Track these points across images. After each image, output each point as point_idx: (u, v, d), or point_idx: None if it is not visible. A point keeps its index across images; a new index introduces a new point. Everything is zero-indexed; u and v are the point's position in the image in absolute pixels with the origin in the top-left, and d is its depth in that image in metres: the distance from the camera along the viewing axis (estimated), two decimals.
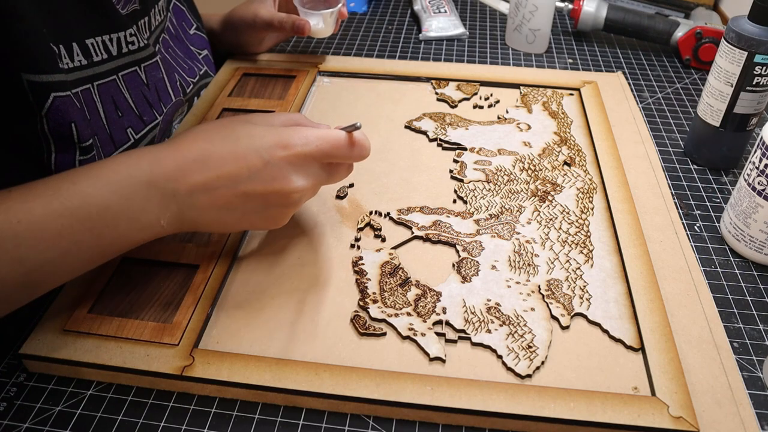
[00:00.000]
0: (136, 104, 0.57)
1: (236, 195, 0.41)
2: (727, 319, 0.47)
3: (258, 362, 0.42)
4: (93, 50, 0.51)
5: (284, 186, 0.42)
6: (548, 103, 0.70)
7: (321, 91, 0.73)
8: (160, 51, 0.62)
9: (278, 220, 0.45)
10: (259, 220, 0.44)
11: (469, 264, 0.50)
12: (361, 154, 0.44)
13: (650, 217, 0.54)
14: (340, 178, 0.47)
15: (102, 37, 0.52)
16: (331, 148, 0.43)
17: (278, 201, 0.43)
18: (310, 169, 0.43)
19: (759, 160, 0.49)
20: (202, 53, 0.73)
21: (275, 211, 0.44)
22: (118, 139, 0.54)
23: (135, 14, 0.57)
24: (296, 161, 0.42)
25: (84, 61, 0.50)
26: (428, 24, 0.91)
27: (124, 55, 0.55)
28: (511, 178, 0.59)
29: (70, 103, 0.47)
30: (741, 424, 0.39)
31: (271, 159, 0.41)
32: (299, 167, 0.42)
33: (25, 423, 0.40)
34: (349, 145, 0.44)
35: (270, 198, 0.42)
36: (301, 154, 0.42)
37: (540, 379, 0.41)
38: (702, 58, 0.81)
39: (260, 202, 0.42)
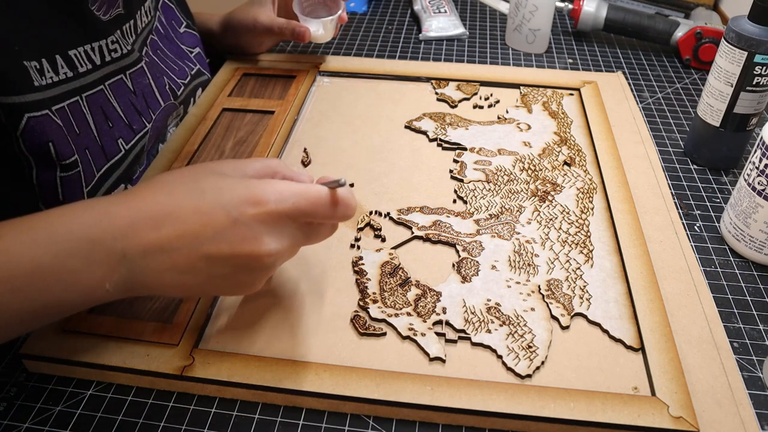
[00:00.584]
0: (125, 113, 0.55)
1: (199, 257, 0.36)
2: (727, 319, 0.47)
3: (258, 362, 0.42)
4: (77, 61, 0.50)
5: (255, 248, 0.36)
6: (548, 103, 0.70)
7: (321, 91, 0.73)
8: (147, 54, 0.61)
9: (249, 285, 0.38)
10: (227, 286, 0.38)
11: (469, 264, 0.50)
12: (345, 213, 0.38)
13: (650, 217, 0.54)
14: (321, 238, 0.41)
15: (84, 47, 0.50)
16: (311, 206, 0.37)
17: (248, 264, 0.37)
18: (286, 230, 0.37)
19: (759, 160, 0.49)
20: (193, 51, 0.72)
21: (245, 276, 0.37)
22: (110, 151, 0.53)
23: (119, 19, 0.55)
24: (269, 220, 0.36)
25: (70, 73, 0.49)
26: (428, 24, 0.91)
27: (108, 63, 0.53)
28: (511, 178, 0.59)
29: (47, 122, 0.46)
30: (741, 424, 0.39)
31: (240, 217, 0.35)
32: (273, 227, 0.36)
33: (25, 423, 0.40)
34: (331, 204, 0.38)
35: (238, 261, 0.36)
36: (275, 212, 0.36)
37: (540, 379, 0.41)
38: (702, 58, 0.81)
39: (227, 266, 0.36)
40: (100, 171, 0.52)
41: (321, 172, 0.60)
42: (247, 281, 0.38)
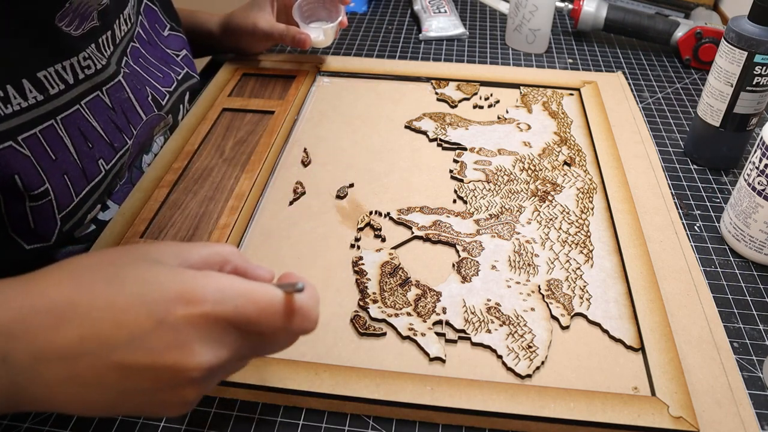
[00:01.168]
0: (105, 131, 0.52)
1: (108, 368, 0.28)
2: (727, 319, 0.47)
3: (258, 362, 0.42)
4: (48, 83, 0.47)
5: (181, 359, 0.28)
6: (548, 103, 0.70)
7: (321, 91, 0.73)
8: (127, 65, 0.58)
9: (175, 406, 0.30)
10: (145, 405, 0.30)
11: (469, 264, 0.50)
12: (302, 326, 0.31)
13: (650, 217, 0.54)
14: (275, 351, 0.33)
15: (54, 66, 0.47)
16: (258, 312, 0.30)
17: (173, 379, 0.28)
18: (225, 338, 0.29)
19: (759, 160, 0.49)
20: (180, 54, 0.69)
21: (169, 394, 0.29)
22: (91, 173, 0.51)
23: (93, 32, 0.52)
24: (203, 324, 0.28)
25: (40, 97, 0.46)
26: (428, 24, 0.91)
27: (82, 81, 0.50)
28: (511, 178, 0.59)
29: (11, 155, 0.43)
30: (741, 424, 0.39)
31: (167, 317, 0.28)
32: (207, 333, 0.29)
33: (25, 423, 0.40)
34: (284, 314, 0.30)
35: (160, 374, 0.28)
36: (212, 315, 0.28)
37: (540, 379, 0.41)
38: (702, 58, 0.81)
39: (146, 380, 0.28)
40: (80, 194, 0.50)
41: (321, 172, 0.60)
42: (172, 401, 0.30)
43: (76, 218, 0.50)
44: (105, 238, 0.51)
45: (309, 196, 0.57)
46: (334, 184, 0.58)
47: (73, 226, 0.50)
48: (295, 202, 0.56)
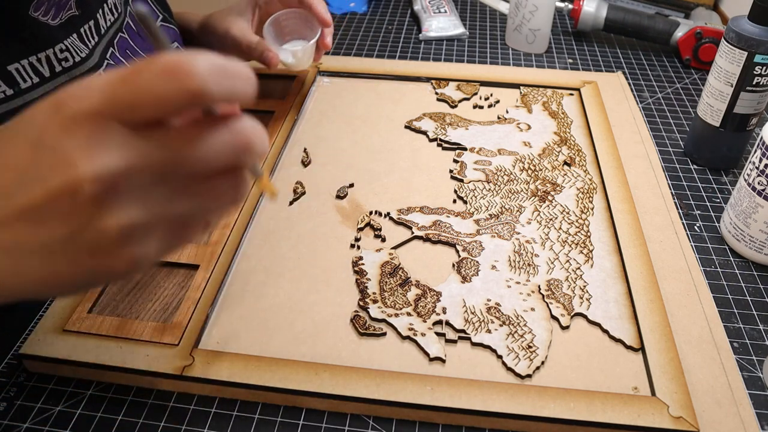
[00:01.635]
0: None
1: (17, 219, 0.24)
2: (727, 319, 0.47)
3: (258, 362, 0.42)
4: (19, 76, 0.44)
5: (68, 174, 0.23)
6: (548, 103, 0.70)
7: (321, 91, 0.73)
8: (113, 57, 0.56)
9: (108, 252, 0.25)
10: (79, 260, 0.25)
11: (469, 264, 0.50)
12: (220, 82, 0.23)
13: (650, 217, 0.54)
14: (207, 155, 0.25)
15: (29, 58, 0.45)
16: (128, 88, 0.23)
17: (77, 208, 0.23)
18: (111, 137, 0.23)
19: (759, 160, 0.49)
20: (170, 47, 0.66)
21: (89, 232, 0.24)
22: None
23: (73, 22, 0.50)
24: (76, 128, 0.23)
25: (9, 91, 0.43)
26: (428, 24, 0.91)
27: (59, 74, 0.47)
28: (511, 178, 0.59)
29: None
30: (741, 424, 0.39)
31: (41, 137, 0.23)
32: (86, 137, 0.23)
33: (25, 423, 0.40)
34: (165, 71, 0.22)
35: (61, 206, 0.23)
36: (80, 113, 0.23)
37: (540, 379, 0.41)
38: (702, 58, 0.81)
39: (55, 220, 0.24)
40: None
41: (321, 172, 0.60)
42: (101, 242, 0.24)
43: None
44: None
45: (309, 196, 0.57)
46: (334, 184, 0.58)
47: None
48: (295, 202, 0.56)
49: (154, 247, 0.26)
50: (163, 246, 0.27)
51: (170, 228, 0.26)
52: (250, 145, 0.26)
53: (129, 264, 0.25)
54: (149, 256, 0.26)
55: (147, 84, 0.23)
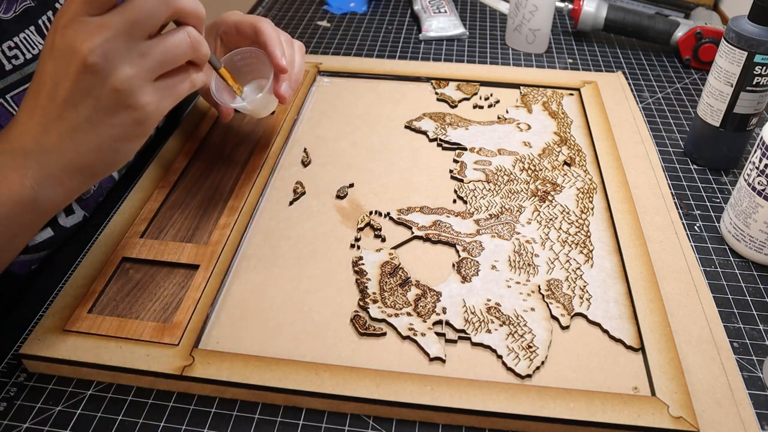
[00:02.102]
0: None
1: (65, 109, 0.35)
2: (727, 319, 0.47)
3: (258, 362, 0.42)
4: None
5: (77, 59, 0.34)
6: (548, 103, 0.70)
7: (321, 91, 0.73)
8: None
9: (125, 109, 0.36)
10: (110, 125, 0.36)
11: (469, 264, 0.50)
12: None
13: (650, 217, 0.54)
14: (156, 19, 0.36)
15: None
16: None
17: (93, 83, 0.35)
18: (92, 22, 0.34)
19: (759, 160, 0.49)
20: None
21: (106, 97, 0.35)
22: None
23: (28, 13, 0.48)
24: (73, 24, 0.34)
25: None
26: (428, 24, 0.91)
27: (9, 72, 0.45)
28: (511, 178, 0.59)
29: None
30: (741, 424, 0.39)
31: (52, 47, 0.35)
32: (78, 27, 0.34)
33: (25, 423, 0.40)
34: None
35: (82, 80, 0.34)
36: (67, 15, 0.34)
37: (540, 379, 0.41)
38: (702, 58, 0.81)
39: (87, 101, 0.35)
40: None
41: (321, 172, 0.60)
42: (113, 100, 0.35)
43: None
44: (105, 238, 0.51)
45: (309, 196, 0.57)
46: (334, 184, 0.58)
47: None
48: (295, 202, 0.56)
49: (154, 94, 0.36)
50: (163, 93, 0.37)
51: (156, 72, 0.36)
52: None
53: (141, 111, 0.36)
54: (154, 102, 0.36)
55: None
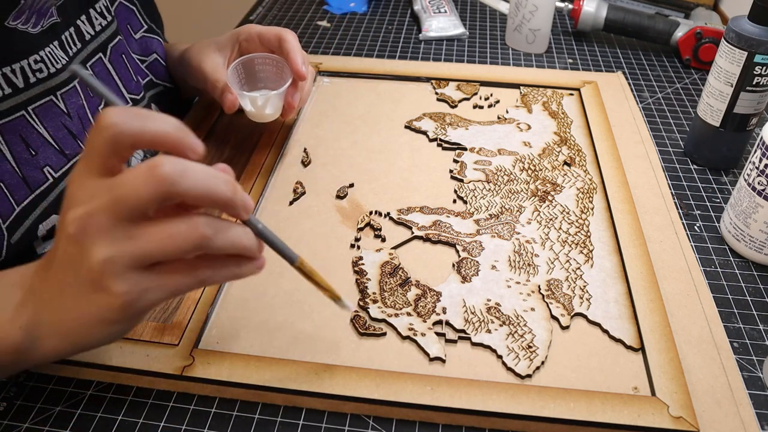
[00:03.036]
0: (55, 138, 0.49)
1: (59, 264, 0.33)
2: (727, 319, 0.47)
3: (258, 362, 0.42)
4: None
5: (64, 212, 0.32)
6: (548, 103, 0.70)
7: (321, 91, 0.73)
8: (98, 63, 0.55)
9: (103, 290, 0.31)
10: (88, 301, 0.33)
11: (469, 264, 0.50)
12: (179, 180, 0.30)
13: (650, 217, 0.54)
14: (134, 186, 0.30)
15: (2, 69, 0.44)
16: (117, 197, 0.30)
17: (73, 255, 0.32)
18: (82, 197, 0.32)
19: (759, 160, 0.49)
20: (147, 60, 0.63)
21: (84, 272, 0.32)
22: (34, 181, 0.47)
23: (54, 29, 0.49)
24: (79, 168, 0.32)
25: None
26: (428, 24, 0.91)
27: (33, 85, 0.47)
28: (511, 178, 0.59)
29: None
30: (741, 424, 0.39)
31: (69, 180, 0.33)
32: (84, 183, 0.32)
33: (25, 423, 0.40)
34: (143, 179, 0.30)
35: (67, 257, 0.33)
36: (69, 219, 0.32)
37: (540, 379, 0.41)
38: (702, 58, 0.81)
39: (68, 271, 0.33)
40: (22, 203, 0.46)
41: (321, 172, 0.60)
42: (90, 277, 0.31)
43: (24, 228, 0.47)
44: None
45: (309, 196, 0.57)
46: (334, 184, 0.58)
47: (24, 238, 0.47)
48: (295, 202, 0.56)
49: (137, 284, 0.31)
50: (151, 285, 0.32)
51: (142, 260, 0.31)
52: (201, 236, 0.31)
53: (117, 299, 0.31)
54: (133, 293, 0.31)
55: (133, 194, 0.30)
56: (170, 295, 0.33)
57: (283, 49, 0.56)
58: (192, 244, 0.31)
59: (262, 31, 0.58)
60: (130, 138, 0.30)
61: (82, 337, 0.34)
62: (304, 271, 0.38)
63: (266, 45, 0.58)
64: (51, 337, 0.34)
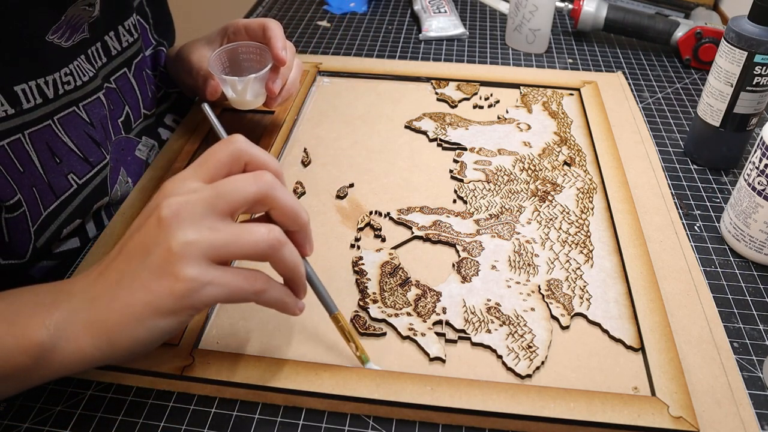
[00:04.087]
0: (78, 146, 0.50)
1: (125, 257, 0.35)
2: (727, 319, 0.47)
3: (258, 362, 0.42)
4: (24, 97, 0.45)
5: (158, 201, 0.34)
6: (548, 103, 0.70)
7: (321, 91, 0.73)
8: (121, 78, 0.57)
9: (168, 276, 0.33)
10: (147, 289, 0.33)
11: (469, 264, 0.50)
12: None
13: (650, 217, 0.54)
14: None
15: (37, 80, 0.46)
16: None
17: (151, 236, 0.34)
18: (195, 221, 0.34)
19: (759, 160, 0.49)
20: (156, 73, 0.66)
21: (156, 256, 0.33)
22: (59, 187, 0.49)
23: (83, 44, 0.51)
24: (181, 175, 0.36)
25: (11, 110, 0.44)
26: (428, 24, 0.91)
27: (60, 96, 0.48)
28: (511, 178, 0.59)
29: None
30: (741, 424, 0.39)
31: (162, 186, 0.36)
32: (185, 181, 0.36)
33: (25, 423, 0.40)
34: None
35: (149, 234, 0.34)
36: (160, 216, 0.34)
37: (540, 379, 0.41)
38: (702, 58, 0.81)
39: (145, 249, 0.34)
40: (48, 208, 0.48)
41: (321, 172, 0.60)
42: (161, 261, 0.33)
43: (49, 233, 0.49)
44: (105, 238, 0.51)
45: (309, 196, 0.57)
46: (334, 184, 0.58)
47: (48, 241, 0.49)
48: None
49: (205, 273, 0.33)
50: (216, 279, 0.33)
51: (219, 252, 0.33)
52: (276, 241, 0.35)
53: (182, 284, 0.32)
54: (199, 281, 0.33)
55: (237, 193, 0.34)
56: (228, 295, 0.34)
57: (265, 37, 0.57)
58: (267, 244, 0.34)
59: (248, 22, 0.59)
60: (248, 156, 0.36)
61: (122, 333, 0.34)
62: (341, 325, 0.41)
63: (252, 35, 0.59)
64: (81, 336, 0.34)
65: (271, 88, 0.56)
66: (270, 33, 0.56)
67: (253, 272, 0.36)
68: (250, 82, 0.55)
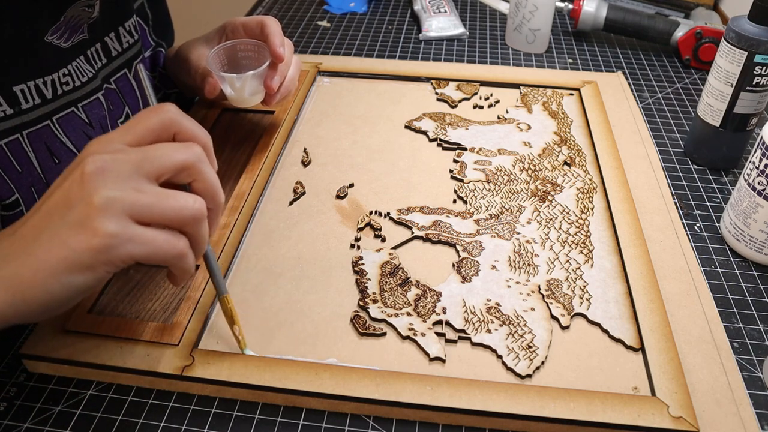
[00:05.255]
0: (77, 147, 0.51)
1: (45, 214, 0.33)
2: (727, 319, 0.47)
3: (258, 362, 0.42)
4: (22, 97, 0.45)
5: (83, 156, 0.33)
6: (548, 103, 0.70)
7: (321, 91, 0.73)
8: (121, 79, 0.57)
9: (86, 230, 0.32)
10: (63, 244, 0.32)
11: (469, 264, 0.50)
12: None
13: (650, 217, 0.54)
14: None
15: (36, 80, 0.46)
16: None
17: (79, 190, 0.32)
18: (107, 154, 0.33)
19: (759, 160, 0.49)
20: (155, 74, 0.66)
21: (77, 210, 0.32)
22: None
23: (82, 44, 0.51)
24: (108, 136, 0.35)
25: (9, 111, 0.44)
26: (428, 24, 0.91)
27: (59, 96, 0.49)
28: (511, 178, 0.59)
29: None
30: (741, 424, 0.39)
31: (88, 144, 0.35)
32: (112, 141, 0.34)
33: (25, 423, 0.40)
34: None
35: (72, 189, 0.33)
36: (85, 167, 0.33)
37: (540, 379, 0.41)
38: (702, 58, 0.81)
39: (67, 204, 0.33)
40: None
41: (321, 172, 0.60)
42: (80, 215, 0.32)
43: None
44: None
45: (309, 196, 0.57)
46: (334, 184, 0.58)
47: None
48: (295, 202, 0.56)
49: (125, 230, 0.32)
50: (137, 237, 0.32)
51: (140, 212, 0.32)
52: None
53: (101, 239, 0.31)
54: (120, 237, 0.32)
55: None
56: (148, 254, 0.33)
57: (263, 34, 0.57)
58: (191, 212, 0.34)
59: (246, 20, 0.59)
60: (177, 126, 0.35)
61: (35, 289, 0.32)
62: (228, 307, 0.42)
63: (250, 33, 0.58)
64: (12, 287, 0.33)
65: (269, 85, 0.56)
66: (268, 30, 0.56)
67: (177, 234, 0.34)
68: (248, 79, 0.55)
